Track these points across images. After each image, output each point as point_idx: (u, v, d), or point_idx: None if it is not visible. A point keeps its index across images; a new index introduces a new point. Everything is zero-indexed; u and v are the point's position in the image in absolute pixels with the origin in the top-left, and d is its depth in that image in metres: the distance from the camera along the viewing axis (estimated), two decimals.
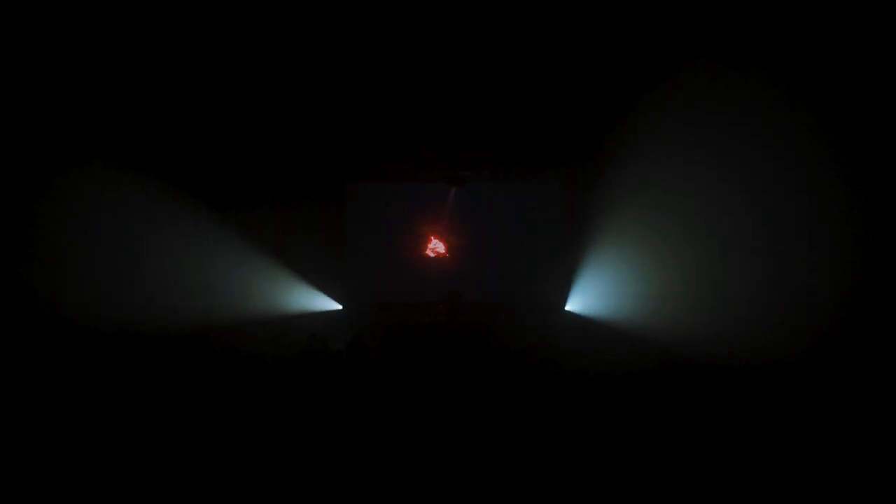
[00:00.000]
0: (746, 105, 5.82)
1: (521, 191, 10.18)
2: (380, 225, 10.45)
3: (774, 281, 5.94)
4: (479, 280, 10.00)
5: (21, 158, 6.19)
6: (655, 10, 5.62)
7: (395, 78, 6.85)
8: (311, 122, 7.72)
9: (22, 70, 4.93)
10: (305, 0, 5.20)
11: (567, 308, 9.81)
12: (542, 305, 9.85)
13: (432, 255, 10.39)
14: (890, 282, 5.05)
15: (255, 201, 8.51)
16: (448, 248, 10.47)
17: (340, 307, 9.76)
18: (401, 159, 7.06)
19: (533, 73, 6.69)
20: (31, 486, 3.13)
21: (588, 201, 8.96)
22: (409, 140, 6.51)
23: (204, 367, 4.86)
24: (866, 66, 4.70)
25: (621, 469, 3.22)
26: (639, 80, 6.61)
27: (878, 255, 5.08)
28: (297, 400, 4.20)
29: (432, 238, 10.46)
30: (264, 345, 6.07)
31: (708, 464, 3.23)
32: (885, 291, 5.05)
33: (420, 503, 3.10)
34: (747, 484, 3.07)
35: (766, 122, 5.78)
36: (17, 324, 6.09)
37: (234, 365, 4.90)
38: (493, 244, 10.28)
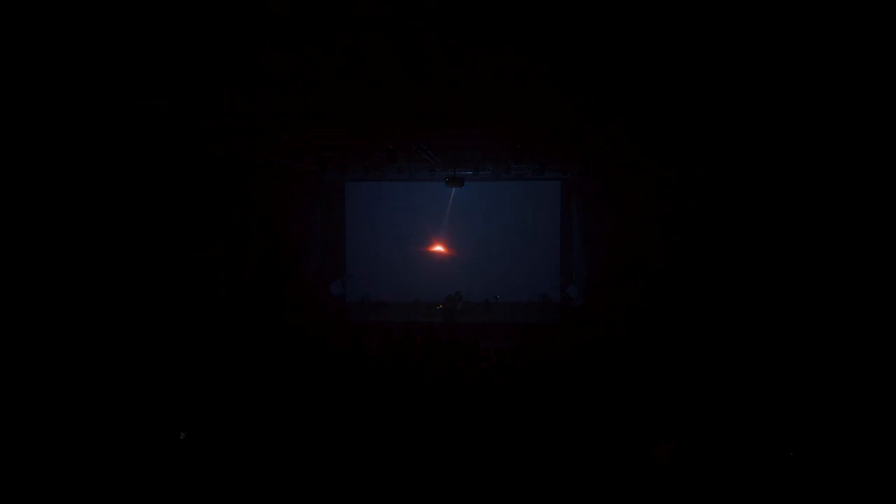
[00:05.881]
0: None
1: (521, 190, 10.20)
2: (380, 225, 10.46)
3: None
4: (479, 280, 10.01)
5: None
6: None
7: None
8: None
9: None
10: None
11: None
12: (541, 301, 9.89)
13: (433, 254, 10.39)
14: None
15: None
16: (448, 248, 10.46)
17: None
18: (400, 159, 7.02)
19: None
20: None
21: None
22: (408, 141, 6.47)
23: None
24: None
25: None
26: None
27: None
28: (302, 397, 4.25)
29: (432, 238, 10.46)
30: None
31: None
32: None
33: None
34: None
35: None
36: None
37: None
38: (493, 243, 10.29)
